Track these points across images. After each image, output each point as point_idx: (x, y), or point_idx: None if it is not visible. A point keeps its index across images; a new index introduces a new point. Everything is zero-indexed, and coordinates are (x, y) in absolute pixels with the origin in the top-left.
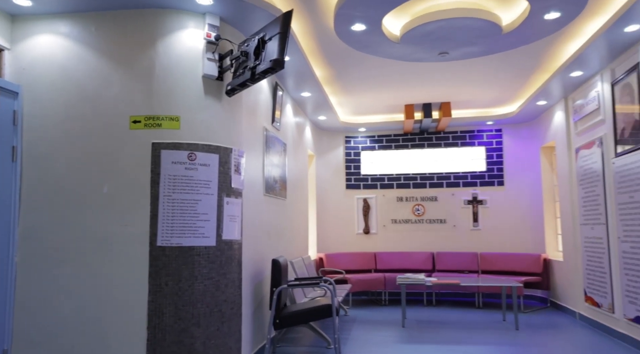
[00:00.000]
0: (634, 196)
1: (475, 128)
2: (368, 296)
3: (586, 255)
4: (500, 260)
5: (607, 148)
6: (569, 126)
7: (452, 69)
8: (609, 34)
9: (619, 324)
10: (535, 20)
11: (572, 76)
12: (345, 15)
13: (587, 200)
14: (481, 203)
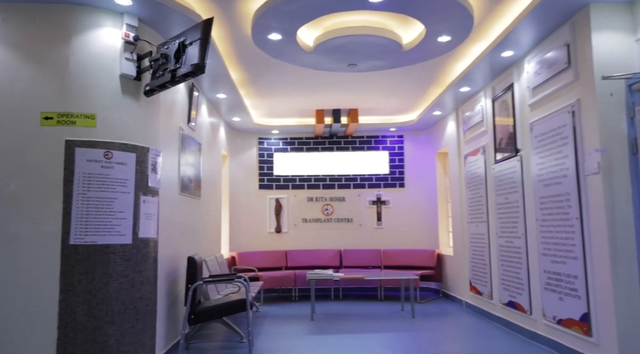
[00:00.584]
0: (508, 198)
1: (379, 133)
2: (279, 293)
3: (472, 250)
4: (400, 255)
5: (489, 155)
6: (459, 135)
7: (360, 79)
8: (489, 57)
9: (496, 308)
10: (430, 42)
11: (461, 91)
12: (263, 25)
13: (473, 201)
14: (384, 204)
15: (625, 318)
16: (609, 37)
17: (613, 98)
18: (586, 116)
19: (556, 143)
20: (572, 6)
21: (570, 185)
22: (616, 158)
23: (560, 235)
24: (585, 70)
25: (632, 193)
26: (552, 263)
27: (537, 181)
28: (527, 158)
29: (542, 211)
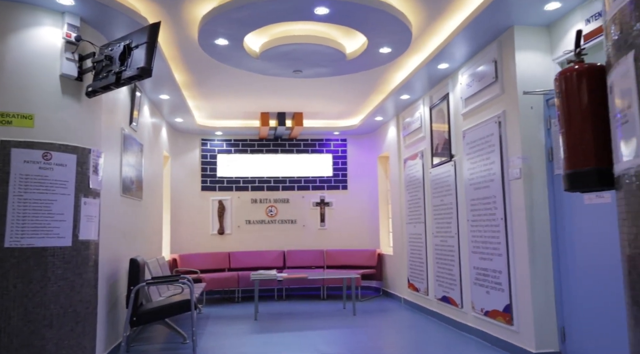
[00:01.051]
0: (443, 200)
1: (323, 137)
2: (221, 294)
3: (410, 249)
4: (342, 255)
5: (427, 160)
6: (399, 140)
7: (305, 84)
8: (427, 68)
9: (431, 304)
10: (372, 53)
11: (401, 98)
12: (210, 31)
13: (412, 203)
14: (328, 205)
15: (541, 308)
16: (530, 56)
17: (533, 111)
18: (510, 126)
19: (485, 150)
20: (499, 26)
21: (496, 189)
22: (535, 165)
23: (488, 234)
24: (510, 84)
25: (548, 196)
26: (481, 259)
27: (469, 185)
28: (460, 163)
29: (473, 213)
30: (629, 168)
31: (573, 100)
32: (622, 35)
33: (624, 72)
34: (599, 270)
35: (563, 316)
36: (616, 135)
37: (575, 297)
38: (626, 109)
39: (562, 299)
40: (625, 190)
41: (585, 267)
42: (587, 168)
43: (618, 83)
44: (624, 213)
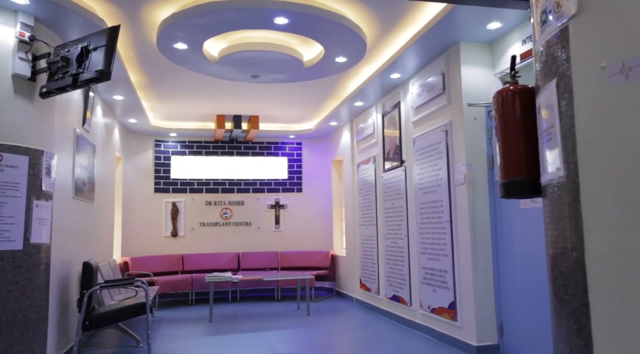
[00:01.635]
0: (394, 203)
1: (279, 140)
2: (174, 297)
3: (362, 250)
4: (297, 257)
5: (379, 164)
6: (353, 144)
7: (262, 89)
8: (380, 77)
9: (382, 303)
10: (329, 62)
11: (356, 105)
12: (169, 35)
13: (364, 206)
14: (282, 208)
15: (482, 305)
16: (475, 71)
17: (477, 121)
18: (456, 135)
19: (433, 156)
20: (446, 42)
21: (443, 193)
22: (478, 172)
23: (435, 236)
24: (456, 96)
25: (489, 201)
26: (428, 260)
27: (418, 189)
28: (410, 168)
29: (422, 216)
30: (552, 179)
31: (508, 117)
32: (548, 63)
33: (548, 96)
34: (533, 269)
35: (501, 312)
36: (543, 150)
37: (512, 294)
38: (550, 128)
39: (500, 296)
40: (549, 198)
41: (520, 266)
42: (520, 178)
43: (544, 105)
44: (548, 218)
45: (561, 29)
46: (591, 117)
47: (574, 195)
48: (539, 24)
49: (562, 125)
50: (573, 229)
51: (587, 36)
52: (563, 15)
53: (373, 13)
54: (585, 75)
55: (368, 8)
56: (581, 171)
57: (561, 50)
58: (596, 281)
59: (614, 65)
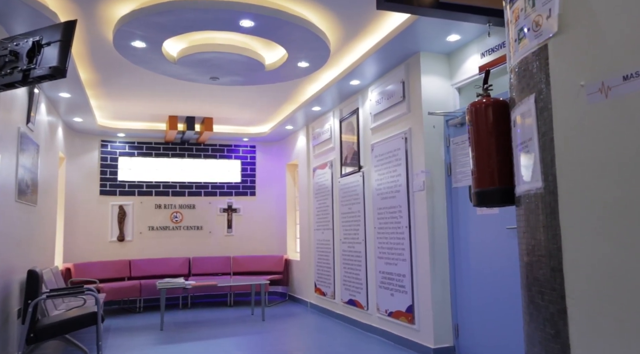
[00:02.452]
0: (351, 208)
1: (233, 143)
2: (121, 304)
3: (317, 255)
4: (250, 261)
5: (336, 169)
6: (309, 149)
7: (218, 90)
8: (340, 83)
9: (338, 307)
10: (291, 66)
11: (313, 110)
12: (127, 32)
13: (320, 210)
14: (235, 211)
15: (439, 308)
16: (434, 80)
17: (435, 130)
18: (415, 143)
19: (392, 163)
20: (407, 51)
21: (402, 199)
22: (436, 179)
23: (394, 241)
24: (416, 104)
25: (446, 207)
26: (386, 264)
27: (376, 195)
28: (368, 174)
29: (379, 221)
30: (530, 190)
31: (481, 128)
32: (525, 79)
33: (526, 110)
34: (488, 273)
35: (457, 315)
36: (518, 162)
37: (467, 297)
38: (528, 141)
39: (456, 299)
40: (525, 208)
41: (476, 270)
42: (492, 188)
43: (521, 119)
44: (523, 227)
45: (540, 47)
46: (570, 132)
47: (553, 206)
48: (515, 41)
49: (540, 139)
50: (550, 238)
51: (567, 54)
52: (543, 33)
53: (338, 20)
54: (564, 92)
55: (334, 14)
56: (560, 183)
57: (540, 67)
58: (574, 288)
59: (593, 84)
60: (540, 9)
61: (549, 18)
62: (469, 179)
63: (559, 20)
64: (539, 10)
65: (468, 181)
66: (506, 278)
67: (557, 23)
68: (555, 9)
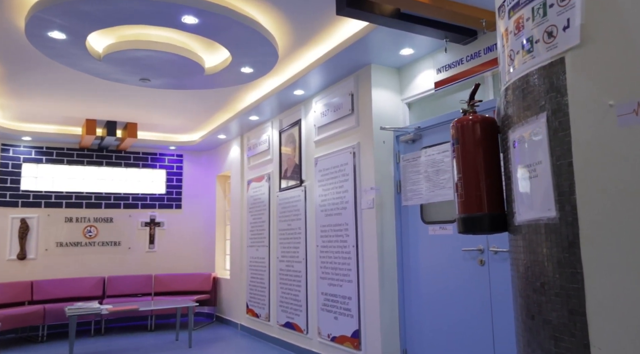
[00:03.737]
0: (291, 224)
1: (157, 151)
2: (18, 333)
3: (250, 273)
4: (174, 280)
5: (274, 183)
6: (243, 160)
7: (146, 93)
8: (282, 93)
9: (273, 330)
10: (234, 71)
11: (250, 119)
12: (43, 20)
13: (255, 226)
14: (159, 225)
15: (387, 332)
16: (384, 94)
17: (385, 145)
18: (364, 158)
19: (339, 178)
20: (358, 63)
21: (349, 217)
22: (386, 196)
23: (339, 261)
24: (365, 118)
25: (395, 226)
26: (330, 285)
27: (320, 211)
28: (310, 188)
29: (323, 239)
30: (537, 220)
31: (469, 148)
32: (532, 96)
33: (533, 130)
34: (440, 296)
35: (406, 340)
36: (518, 187)
37: (417, 321)
38: (536, 164)
39: (405, 323)
40: (529, 239)
41: (427, 293)
42: (480, 214)
43: (525, 140)
44: (524, 261)
45: (554, 60)
46: (594, 156)
47: (571, 239)
48: (515, 54)
49: (554, 163)
50: (568, 276)
51: (591, 70)
52: (558, 45)
53: (290, 24)
54: (586, 111)
55: (286, 18)
56: (581, 213)
57: (553, 83)
58: (600, 335)
59: (625, 104)
60: (554, 18)
61: (568, 29)
62: (419, 197)
63: (582, 31)
64: (553, 20)
65: (419, 200)
66: (459, 302)
67: (580, 34)
68: (577, 19)
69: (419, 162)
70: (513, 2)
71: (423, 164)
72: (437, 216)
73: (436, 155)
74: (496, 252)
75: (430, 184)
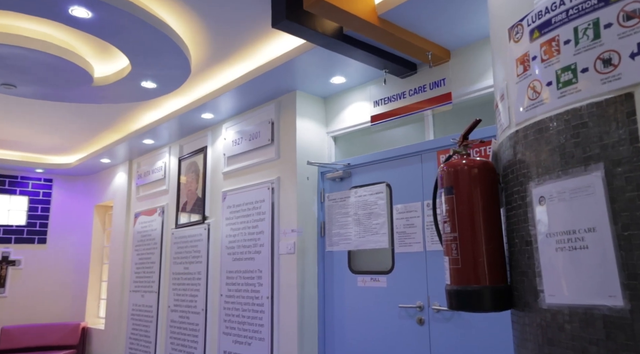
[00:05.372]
0: (188, 268)
1: (19, 174)
2: None
3: (132, 323)
4: (29, 334)
5: (169, 217)
6: (130, 189)
7: (7, 102)
8: (188, 115)
9: None
10: (132, 84)
11: (144, 142)
12: None
13: (142, 267)
14: (13, 264)
15: None
16: (309, 125)
17: (309, 182)
18: (285, 195)
19: (252, 217)
20: (282, 88)
21: (263, 262)
22: (308, 240)
23: (248, 314)
24: (288, 150)
25: (318, 274)
26: (235, 343)
27: (227, 254)
28: (216, 227)
29: (229, 287)
30: (592, 308)
31: (467, 201)
32: (576, 141)
33: (579, 186)
34: (367, 351)
35: None
36: (555, 259)
37: None
38: (583, 232)
39: None
40: (574, 333)
41: (352, 348)
42: (480, 286)
43: (563, 197)
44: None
45: (615, 96)
46: None
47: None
48: (543, 85)
49: (619, 233)
50: None
51: None
52: (622, 77)
53: (208, 35)
54: None
55: (203, 26)
56: None
57: (612, 125)
58: None
59: None
60: (613, 42)
61: (639, 56)
62: (347, 243)
63: None
64: (612, 44)
65: (346, 246)
66: None
67: None
68: None
69: (347, 202)
70: (540, 20)
71: (353, 205)
72: (368, 265)
73: (368, 196)
74: (438, 310)
75: (361, 228)
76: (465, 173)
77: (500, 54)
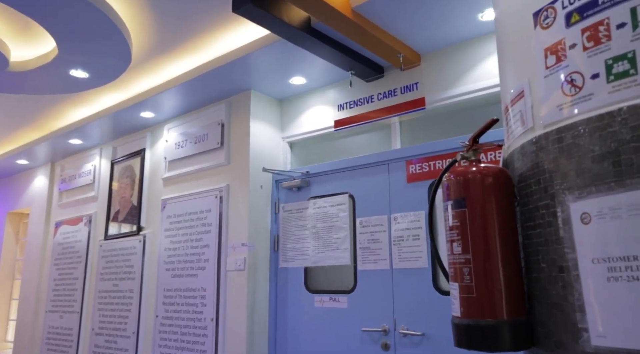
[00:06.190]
0: (119, 285)
1: None
2: None
3: (47, 348)
4: None
5: (97, 228)
6: (51, 195)
7: None
8: (124, 112)
9: None
10: (58, 72)
11: (69, 142)
12: None
13: (62, 284)
14: None
15: None
16: (264, 129)
17: (263, 191)
18: (235, 205)
19: (196, 228)
20: (234, 86)
21: (208, 280)
22: (260, 255)
23: (188, 338)
24: (239, 156)
25: (270, 293)
26: None
27: (165, 270)
28: (153, 239)
29: (167, 307)
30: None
31: (484, 216)
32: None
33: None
34: None
35: None
36: (600, 293)
37: None
38: None
39: None
40: None
41: None
42: (496, 321)
43: (615, 215)
44: None
45: None
46: None
47: None
48: (586, 78)
49: None
50: None
51: None
52: None
53: (152, 19)
54: None
55: (148, 9)
56: None
57: None
58: None
59: None
60: None
61: None
62: (304, 259)
63: None
64: None
65: (302, 262)
66: None
67: None
68: None
69: (305, 214)
70: (581, 1)
71: (311, 217)
72: (327, 284)
73: (329, 207)
74: (405, 334)
75: (320, 243)
76: (478, 182)
77: (515, 47)
